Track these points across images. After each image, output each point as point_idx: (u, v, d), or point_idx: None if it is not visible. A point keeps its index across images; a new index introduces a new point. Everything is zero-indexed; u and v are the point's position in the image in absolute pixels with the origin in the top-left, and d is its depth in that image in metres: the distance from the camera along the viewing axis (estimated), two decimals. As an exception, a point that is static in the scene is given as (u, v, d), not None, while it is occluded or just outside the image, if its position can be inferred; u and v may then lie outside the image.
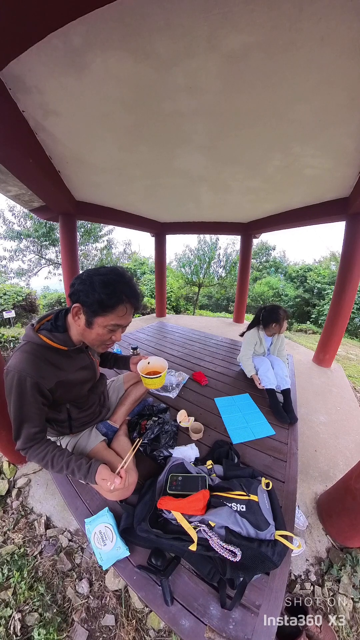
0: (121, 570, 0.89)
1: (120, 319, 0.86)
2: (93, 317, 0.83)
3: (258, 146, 1.88)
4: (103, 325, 0.85)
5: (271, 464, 1.32)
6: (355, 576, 1.20)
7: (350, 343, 6.30)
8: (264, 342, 2.13)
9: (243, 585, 0.80)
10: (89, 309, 0.82)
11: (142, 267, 11.67)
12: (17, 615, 1.06)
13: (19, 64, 1.14)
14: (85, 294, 0.80)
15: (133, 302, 0.87)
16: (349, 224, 2.92)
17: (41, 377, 0.83)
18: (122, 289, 0.83)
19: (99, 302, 0.80)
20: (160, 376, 1.20)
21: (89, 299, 0.80)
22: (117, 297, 0.82)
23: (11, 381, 0.81)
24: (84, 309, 0.82)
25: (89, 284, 0.80)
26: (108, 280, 0.81)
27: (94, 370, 1.13)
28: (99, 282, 0.80)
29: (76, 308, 0.83)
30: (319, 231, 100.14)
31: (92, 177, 2.61)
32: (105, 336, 0.88)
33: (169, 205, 3.77)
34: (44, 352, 0.86)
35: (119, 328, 0.89)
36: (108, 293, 0.80)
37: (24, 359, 0.82)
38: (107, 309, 0.82)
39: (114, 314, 0.84)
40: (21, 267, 10.15)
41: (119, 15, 0.93)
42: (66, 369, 0.94)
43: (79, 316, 0.85)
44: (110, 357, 1.41)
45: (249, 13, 0.90)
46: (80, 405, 1.12)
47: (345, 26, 0.93)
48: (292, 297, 12.22)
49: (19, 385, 0.80)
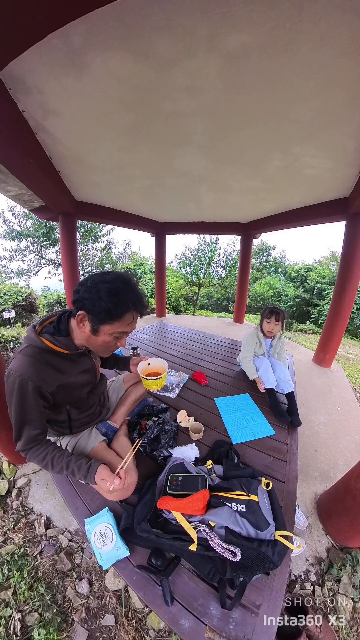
0: (121, 570, 0.89)
1: (126, 327, 0.86)
2: (99, 325, 0.82)
3: (258, 146, 1.88)
4: (109, 333, 0.85)
5: (271, 464, 1.32)
6: (355, 576, 1.20)
7: (350, 343, 6.30)
8: (263, 344, 2.12)
9: (243, 585, 0.80)
10: (96, 317, 0.81)
11: (142, 267, 11.66)
12: (17, 615, 1.06)
13: (19, 64, 1.14)
14: (91, 302, 0.79)
15: (139, 309, 0.88)
16: (349, 224, 2.92)
17: (43, 380, 0.83)
18: (129, 297, 0.83)
19: (106, 311, 0.80)
20: (161, 377, 1.19)
21: (95, 307, 0.79)
22: (124, 306, 0.82)
23: (12, 384, 0.80)
24: (90, 316, 0.82)
25: (95, 292, 0.79)
26: (115, 289, 0.80)
27: (95, 373, 1.13)
28: (105, 290, 0.79)
29: (81, 315, 0.82)
30: (319, 231, 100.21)
31: (92, 177, 2.61)
32: (110, 343, 0.89)
33: (169, 205, 3.77)
34: (45, 356, 0.85)
35: (124, 335, 0.89)
36: (115, 302, 0.79)
37: (26, 362, 0.81)
38: (114, 317, 0.82)
39: (120, 322, 0.84)
40: (21, 267, 10.14)
41: (119, 15, 0.93)
42: (68, 373, 0.93)
43: (84, 323, 0.84)
44: (110, 358, 1.40)
45: (249, 13, 0.90)
46: (80, 406, 1.12)
47: (345, 26, 0.93)
48: (292, 297, 12.22)
49: (21, 388, 0.80)
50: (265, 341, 2.14)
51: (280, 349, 2.16)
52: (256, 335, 2.12)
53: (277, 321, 2.00)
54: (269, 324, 2.02)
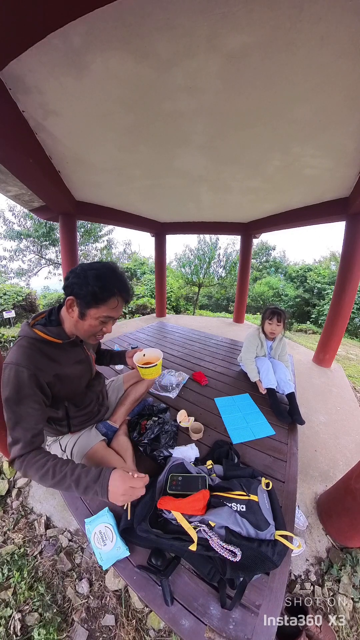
0: (121, 570, 0.89)
1: (111, 311, 0.90)
2: (86, 308, 0.87)
3: (258, 146, 1.88)
4: (95, 316, 0.88)
5: (271, 464, 1.32)
6: (355, 576, 1.20)
7: (350, 343, 6.31)
8: (264, 345, 2.11)
9: (243, 585, 0.80)
10: (83, 300, 0.85)
11: (142, 267, 11.66)
12: (17, 615, 1.06)
13: (19, 64, 1.14)
14: (79, 286, 0.84)
15: (124, 295, 0.92)
16: (349, 224, 2.92)
17: (38, 369, 0.84)
18: (114, 283, 0.88)
19: (92, 295, 0.84)
20: (156, 365, 1.21)
21: (82, 291, 0.84)
22: (109, 291, 0.86)
23: (8, 376, 0.80)
24: (78, 301, 0.86)
25: (82, 277, 0.84)
26: (101, 274, 0.85)
27: (89, 365, 1.14)
28: (92, 275, 0.84)
29: (70, 300, 0.87)
30: (319, 231, 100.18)
31: (92, 177, 2.61)
32: (96, 327, 0.92)
33: (169, 205, 3.77)
34: (39, 345, 0.88)
35: (110, 320, 0.93)
36: (100, 286, 0.84)
37: (20, 352, 0.83)
38: (100, 301, 0.86)
39: (106, 306, 0.88)
40: (21, 267, 10.16)
41: (119, 15, 0.93)
42: (62, 363, 0.95)
43: (73, 308, 0.88)
44: (106, 354, 1.43)
45: (249, 13, 0.90)
46: (78, 403, 1.13)
47: (345, 26, 0.93)
48: (292, 297, 12.22)
49: (16, 377, 0.80)
50: (266, 343, 2.12)
51: (282, 350, 2.14)
52: (258, 337, 2.10)
53: (279, 322, 1.98)
54: (271, 325, 2.00)
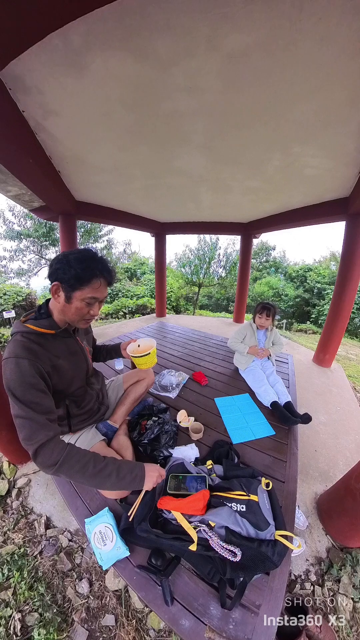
0: (121, 570, 0.89)
1: (96, 292, 0.92)
2: (71, 291, 0.89)
3: (258, 146, 1.88)
4: (81, 298, 0.90)
5: (271, 464, 1.32)
6: (355, 576, 1.20)
7: (350, 343, 6.31)
8: (255, 334, 2.30)
9: (243, 585, 0.80)
10: (67, 284, 0.88)
11: (142, 267, 11.67)
12: (17, 615, 1.06)
13: (19, 64, 1.14)
14: (62, 271, 0.87)
15: (106, 275, 0.94)
16: (349, 224, 2.92)
17: (36, 357, 0.86)
18: (96, 265, 0.90)
19: (76, 277, 0.87)
20: (150, 354, 1.21)
21: (66, 275, 0.86)
22: (92, 271, 0.89)
23: (10, 368, 0.81)
24: (63, 285, 0.88)
25: (65, 262, 0.87)
26: (82, 257, 0.89)
27: (84, 357, 1.15)
28: (74, 259, 0.87)
29: (55, 286, 0.89)
30: (319, 231, 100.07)
31: (92, 177, 2.61)
32: (83, 310, 0.93)
33: (169, 205, 3.77)
34: (33, 338, 0.90)
35: (95, 301, 0.95)
36: (83, 268, 0.87)
37: (17, 345, 0.85)
38: (84, 282, 0.88)
39: (89, 287, 0.90)
40: (21, 267, 10.17)
41: (119, 15, 0.93)
42: (57, 354, 0.96)
43: (59, 294, 0.90)
44: (102, 349, 1.44)
45: (249, 13, 0.90)
46: (78, 401, 1.14)
47: (345, 26, 0.93)
48: (292, 297, 12.23)
49: (18, 367, 0.81)
50: (258, 332, 2.32)
51: (275, 337, 2.36)
52: (249, 327, 2.33)
53: (267, 316, 2.20)
54: (261, 319, 2.23)
